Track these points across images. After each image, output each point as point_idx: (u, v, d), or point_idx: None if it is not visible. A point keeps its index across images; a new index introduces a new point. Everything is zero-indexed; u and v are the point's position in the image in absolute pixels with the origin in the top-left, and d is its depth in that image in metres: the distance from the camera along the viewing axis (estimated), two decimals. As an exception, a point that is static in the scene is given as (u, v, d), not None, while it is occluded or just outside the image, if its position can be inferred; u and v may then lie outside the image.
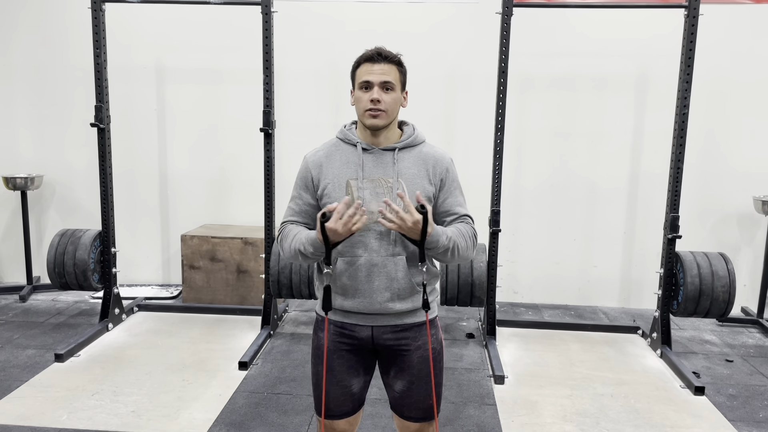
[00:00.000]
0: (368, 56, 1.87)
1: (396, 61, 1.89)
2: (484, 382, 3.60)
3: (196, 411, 3.19)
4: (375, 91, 1.84)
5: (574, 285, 5.21)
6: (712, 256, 3.98)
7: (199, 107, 5.19)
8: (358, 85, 1.88)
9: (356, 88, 1.89)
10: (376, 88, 1.84)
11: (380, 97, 1.83)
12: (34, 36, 5.17)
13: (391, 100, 1.86)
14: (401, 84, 1.90)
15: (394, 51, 1.91)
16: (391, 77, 1.86)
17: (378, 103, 1.83)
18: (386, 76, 1.85)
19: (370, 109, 1.85)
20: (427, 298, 1.87)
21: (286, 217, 2.00)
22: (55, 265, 4.26)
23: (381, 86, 1.84)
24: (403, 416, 2.02)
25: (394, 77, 1.87)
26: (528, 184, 5.08)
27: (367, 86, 1.85)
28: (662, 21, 4.70)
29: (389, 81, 1.85)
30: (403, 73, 1.91)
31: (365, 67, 1.86)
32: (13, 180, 4.97)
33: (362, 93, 1.86)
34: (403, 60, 1.92)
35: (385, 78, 1.84)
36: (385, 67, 1.85)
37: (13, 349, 3.97)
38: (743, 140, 4.88)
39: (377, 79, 1.84)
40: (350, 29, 4.93)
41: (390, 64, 1.87)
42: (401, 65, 1.91)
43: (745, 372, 3.86)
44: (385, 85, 1.85)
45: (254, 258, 4.79)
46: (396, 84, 1.87)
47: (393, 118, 1.90)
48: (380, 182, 1.86)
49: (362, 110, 1.87)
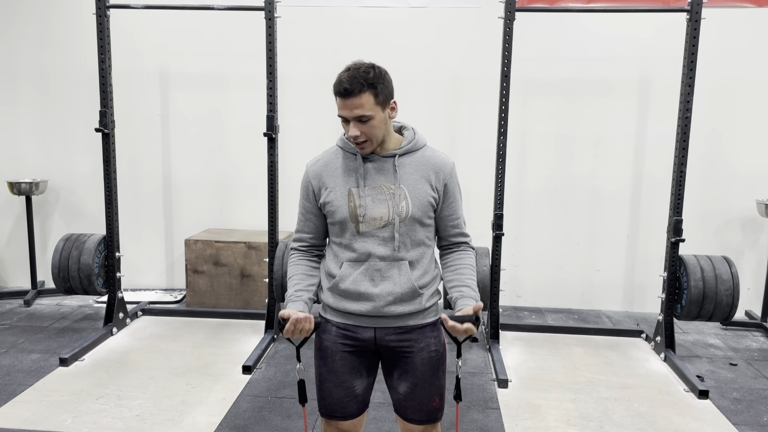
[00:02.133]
0: (337, 91, 1.80)
1: (368, 86, 1.77)
2: (488, 386, 3.60)
3: (200, 415, 3.20)
4: (351, 127, 1.81)
5: (578, 289, 5.20)
6: (715, 260, 3.98)
7: (203, 112, 5.21)
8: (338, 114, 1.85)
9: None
10: (352, 124, 1.81)
11: (358, 131, 1.81)
12: (39, 41, 5.20)
13: (370, 129, 1.82)
14: (381, 104, 1.81)
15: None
16: (365, 109, 1.78)
17: (357, 137, 1.82)
18: (359, 110, 1.78)
19: (354, 142, 1.85)
20: (459, 392, 2.00)
21: (295, 230, 2.05)
22: (59, 270, 4.28)
23: (356, 120, 1.80)
24: (406, 419, 2.02)
25: (369, 106, 1.78)
26: (531, 187, 5.09)
27: (345, 120, 1.83)
28: (664, 25, 4.71)
29: (363, 115, 1.79)
30: (380, 92, 1.79)
31: (338, 100, 1.81)
32: (18, 185, 4.99)
33: (343, 124, 1.85)
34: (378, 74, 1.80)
35: (357, 113, 1.78)
36: (355, 101, 1.77)
37: (17, 354, 3.98)
38: (746, 143, 4.88)
39: (350, 115, 1.80)
40: (354, 34, 4.95)
41: (360, 95, 1.76)
42: (375, 86, 1.78)
43: (749, 376, 3.85)
44: (360, 118, 1.80)
45: (258, 262, 4.80)
46: (373, 111, 1.79)
47: (381, 136, 1.87)
48: (381, 189, 1.87)
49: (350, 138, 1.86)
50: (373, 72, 1.79)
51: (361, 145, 1.85)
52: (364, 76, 1.77)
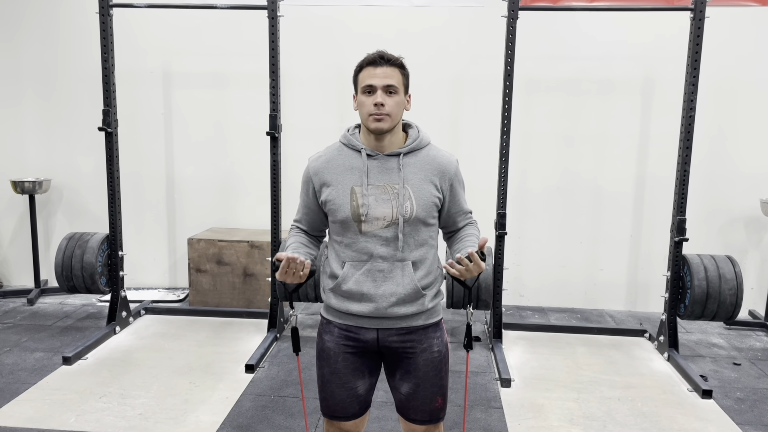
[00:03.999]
0: (371, 60, 1.85)
1: (398, 64, 1.86)
2: (491, 386, 3.60)
3: (203, 414, 3.20)
4: (378, 95, 1.82)
5: (581, 288, 5.20)
6: (719, 259, 3.97)
7: (205, 111, 5.22)
8: (361, 89, 1.86)
9: (359, 92, 1.88)
10: (379, 92, 1.82)
11: (384, 100, 1.82)
12: (43, 40, 5.21)
13: (394, 104, 1.84)
14: (404, 87, 1.88)
15: (399, 54, 1.90)
16: (394, 80, 1.83)
17: (382, 107, 1.82)
18: (389, 80, 1.83)
19: (374, 114, 1.83)
20: (470, 340, 2.04)
21: (294, 218, 2.09)
22: (62, 269, 4.29)
23: (384, 90, 1.83)
24: (409, 419, 2.02)
25: (397, 80, 1.85)
26: (534, 187, 5.08)
27: (371, 90, 1.84)
28: (668, 23, 4.70)
29: (392, 84, 1.83)
30: (405, 76, 1.89)
31: (368, 70, 1.84)
32: (21, 184, 5.01)
33: (365, 97, 1.85)
34: (405, 63, 1.90)
35: (388, 81, 1.83)
36: (387, 70, 1.83)
37: (21, 352, 3.99)
38: (750, 143, 4.87)
39: (380, 82, 1.82)
40: (356, 33, 4.95)
41: (393, 67, 1.84)
42: (404, 68, 1.88)
43: (752, 375, 3.85)
44: (389, 88, 1.83)
45: (261, 261, 4.80)
46: (399, 87, 1.85)
47: (397, 122, 1.88)
48: (385, 188, 1.86)
49: (366, 114, 1.85)
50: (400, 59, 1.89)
51: (380, 117, 1.83)
52: (395, 56, 1.87)
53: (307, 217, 2.03)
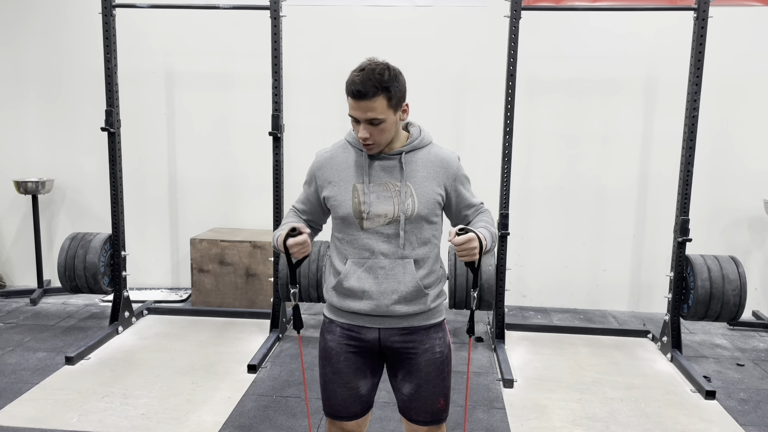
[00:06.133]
0: (351, 91, 1.77)
1: (382, 89, 1.74)
2: (493, 386, 3.59)
3: (206, 414, 3.20)
4: (361, 129, 1.80)
5: (584, 288, 5.19)
6: (722, 260, 3.96)
7: (208, 111, 5.22)
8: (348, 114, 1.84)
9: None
10: (362, 125, 1.80)
11: (368, 132, 1.80)
12: (45, 41, 5.21)
13: (379, 133, 1.81)
14: (393, 108, 1.79)
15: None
16: (377, 113, 1.76)
17: (367, 139, 1.82)
18: (371, 113, 1.76)
19: (362, 143, 1.85)
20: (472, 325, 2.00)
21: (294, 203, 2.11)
22: (65, 269, 4.29)
23: (367, 122, 1.80)
24: (411, 419, 2.02)
25: (381, 110, 1.76)
26: (537, 187, 5.07)
27: (356, 120, 1.82)
28: (671, 23, 4.69)
29: (375, 118, 1.78)
30: (393, 96, 1.77)
31: (350, 101, 1.80)
32: (24, 184, 5.01)
33: (354, 124, 1.85)
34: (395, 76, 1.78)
35: (370, 116, 1.77)
36: (368, 104, 1.75)
37: (23, 352, 3.99)
38: (753, 142, 4.85)
39: (362, 116, 1.79)
40: (359, 33, 4.95)
41: (373, 98, 1.74)
42: (389, 90, 1.75)
43: (756, 376, 3.83)
44: (371, 121, 1.79)
45: (263, 261, 4.80)
46: (385, 114, 1.78)
47: (389, 139, 1.87)
48: (387, 186, 1.87)
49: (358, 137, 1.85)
50: (387, 74, 1.76)
51: (368, 147, 1.86)
52: (379, 79, 1.74)
53: (305, 207, 2.05)
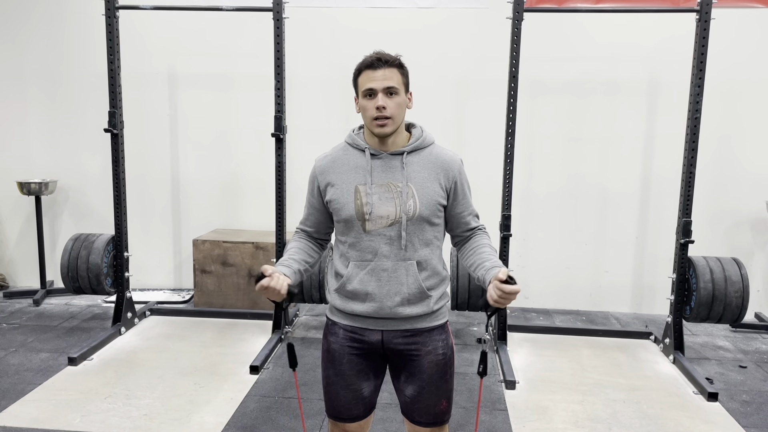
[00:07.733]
0: (369, 63, 1.83)
1: (397, 64, 1.85)
2: (495, 388, 3.59)
3: (208, 415, 3.21)
4: (379, 98, 1.81)
5: (586, 290, 5.18)
6: (725, 261, 3.95)
7: (211, 113, 5.23)
8: (361, 93, 1.85)
9: (360, 96, 1.87)
10: (380, 95, 1.81)
11: (385, 103, 1.81)
12: (49, 42, 5.23)
13: (395, 105, 1.83)
14: (404, 86, 1.87)
15: (399, 53, 1.88)
16: (393, 81, 1.82)
17: (384, 110, 1.81)
18: (389, 81, 1.82)
19: (377, 118, 1.83)
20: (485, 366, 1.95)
21: (299, 223, 2.08)
22: (68, 270, 4.30)
23: (385, 92, 1.82)
24: (413, 421, 2.02)
25: (397, 81, 1.83)
26: (539, 188, 5.07)
27: (371, 93, 1.83)
28: (674, 25, 4.69)
29: (392, 86, 1.82)
30: (405, 75, 1.87)
31: (367, 74, 1.83)
32: (28, 185, 5.03)
33: (367, 101, 1.84)
34: (404, 61, 1.88)
35: (388, 83, 1.81)
36: (386, 72, 1.82)
37: (26, 353, 4.00)
38: (756, 144, 4.85)
39: (380, 85, 1.81)
40: (362, 35, 4.95)
41: (391, 68, 1.83)
42: (402, 67, 1.86)
43: (758, 378, 3.83)
44: (389, 90, 1.82)
45: (265, 262, 4.80)
46: (399, 87, 1.84)
47: (400, 122, 1.88)
48: (389, 187, 1.87)
49: (369, 119, 1.85)
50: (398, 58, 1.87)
51: (384, 122, 1.83)
52: (392, 56, 1.85)
53: (312, 218, 2.02)
